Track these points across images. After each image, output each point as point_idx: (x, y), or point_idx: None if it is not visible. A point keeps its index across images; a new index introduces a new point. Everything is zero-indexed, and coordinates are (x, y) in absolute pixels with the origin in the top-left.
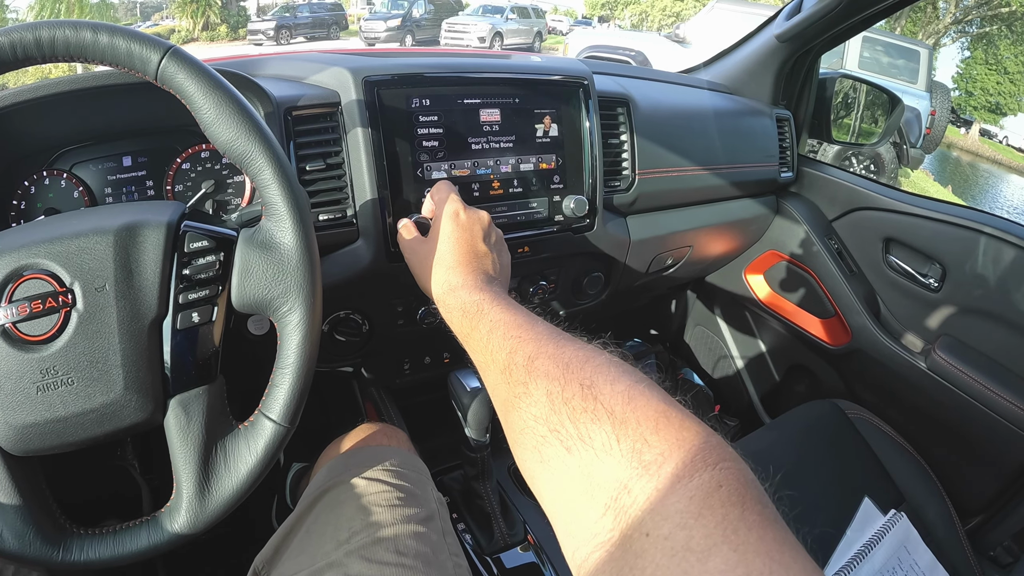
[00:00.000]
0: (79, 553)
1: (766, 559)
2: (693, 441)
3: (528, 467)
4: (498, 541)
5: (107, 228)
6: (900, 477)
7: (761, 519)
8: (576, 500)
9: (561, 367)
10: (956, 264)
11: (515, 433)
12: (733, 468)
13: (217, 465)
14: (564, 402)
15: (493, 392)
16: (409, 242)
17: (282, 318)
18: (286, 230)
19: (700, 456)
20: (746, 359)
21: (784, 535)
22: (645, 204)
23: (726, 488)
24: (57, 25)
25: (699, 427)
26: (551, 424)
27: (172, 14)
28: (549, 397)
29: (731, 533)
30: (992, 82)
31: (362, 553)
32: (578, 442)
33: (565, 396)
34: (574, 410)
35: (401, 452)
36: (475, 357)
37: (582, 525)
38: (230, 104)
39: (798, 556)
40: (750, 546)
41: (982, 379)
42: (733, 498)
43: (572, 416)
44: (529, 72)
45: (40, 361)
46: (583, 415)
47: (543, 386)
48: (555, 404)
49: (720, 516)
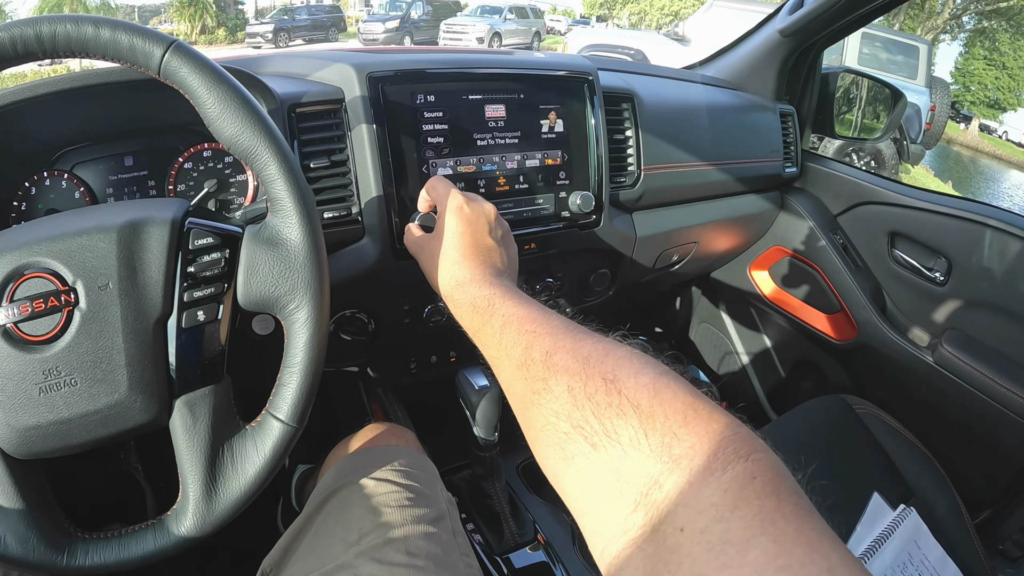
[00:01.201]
0: (84, 558)
1: (806, 549)
2: (723, 433)
3: (550, 464)
4: (508, 541)
5: (110, 225)
6: (908, 472)
7: (797, 509)
8: (604, 496)
9: (581, 361)
10: (962, 258)
11: (535, 430)
12: (765, 459)
13: (224, 466)
14: (587, 397)
15: (509, 388)
16: (416, 240)
17: (289, 316)
18: (293, 226)
19: (731, 448)
20: (752, 355)
21: (821, 525)
22: (651, 200)
23: (760, 480)
24: (58, 20)
25: (728, 419)
26: (574, 420)
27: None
28: (571, 393)
29: (768, 525)
30: (991, 77)
31: (372, 554)
32: (604, 438)
33: (588, 391)
34: (598, 405)
35: (410, 452)
36: (487, 353)
37: (612, 522)
38: (235, 98)
39: (836, 546)
40: (788, 536)
41: (990, 373)
42: (768, 489)
43: (596, 411)
44: (534, 67)
45: (42, 362)
46: (608, 410)
47: (564, 381)
48: (577, 400)
49: (756, 508)
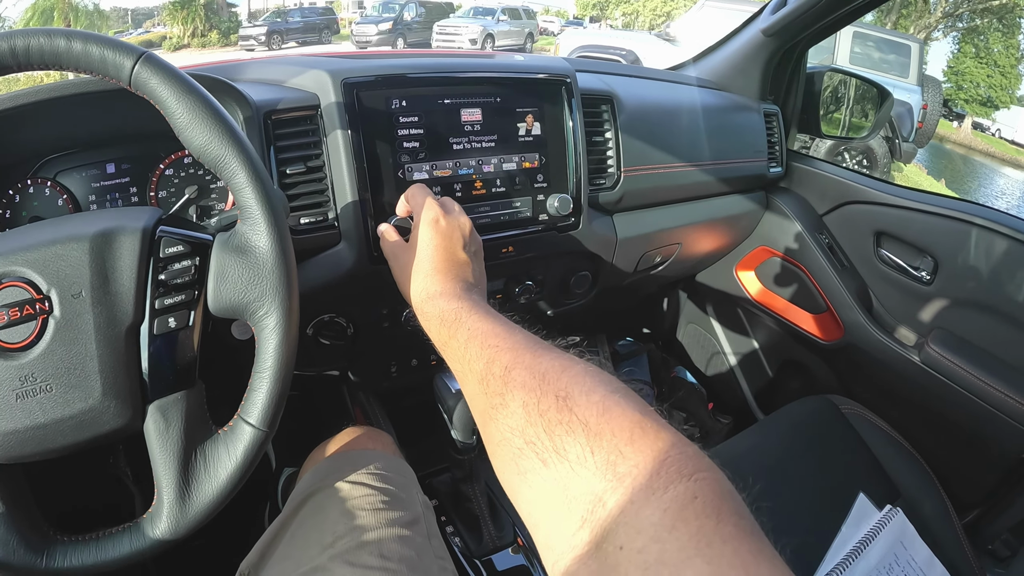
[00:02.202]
0: (63, 560)
1: (741, 572)
2: (668, 452)
3: (507, 479)
4: (487, 543)
5: (83, 235)
6: (895, 472)
7: (737, 531)
8: (554, 513)
9: (537, 378)
10: (948, 256)
11: (493, 445)
12: (709, 479)
13: (197, 470)
14: (540, 414)
15: (471, 402)
16: (391, 247)
17: (259, 322)
18: (261, 233)
19: (675, 467)
20: (739, 356)
21: (760, 546)
22: (632, 202)
23: (701, 500)
24: (31, 34)
25: (675, 437)
26: (527, 436)
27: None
28: (525, 409)
29: (705, 546)
30: (983, 75)
31: (346, 557)
32: (553, 455)
33: (541, 408)
34: (549, 422)
35: (386, 456)
36: (453, 366)
37: (561, 538)
38: (202, 108)
39: (776, 569)
40: (724, 559)
41: (976, 372)
42: (708, 510)
43: (548, 428)
44: (510, 71)
45: (19, 368)
46: (558, 427)
47: (519, 397)
48: (531, 416)
49: (695, 528)
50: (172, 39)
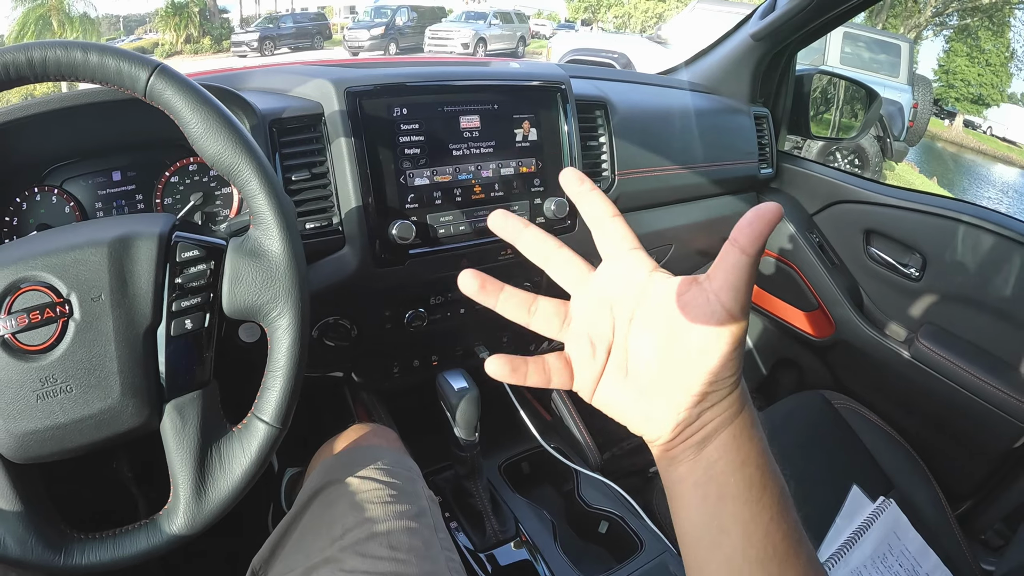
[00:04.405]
0: (80, 557)
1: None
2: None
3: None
4: (490, 538)
5: (102, 240)
6: (888, 464)
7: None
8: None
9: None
10: (936, 253)
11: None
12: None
13: (212, 467)
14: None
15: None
16: None
17: (272, 323)
18: (273, 238)
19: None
20: None
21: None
22: (626, 204)
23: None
24: (48, 46)
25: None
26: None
27: (155, 28)
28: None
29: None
30: (974, 74)
31: (356, 548)
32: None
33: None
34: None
35: (392, 451)
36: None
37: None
38: (217, 119)
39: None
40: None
41: (965, 365)
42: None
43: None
44: (507, 79)
45: (39, 370)
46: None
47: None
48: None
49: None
50: (164, 46)
